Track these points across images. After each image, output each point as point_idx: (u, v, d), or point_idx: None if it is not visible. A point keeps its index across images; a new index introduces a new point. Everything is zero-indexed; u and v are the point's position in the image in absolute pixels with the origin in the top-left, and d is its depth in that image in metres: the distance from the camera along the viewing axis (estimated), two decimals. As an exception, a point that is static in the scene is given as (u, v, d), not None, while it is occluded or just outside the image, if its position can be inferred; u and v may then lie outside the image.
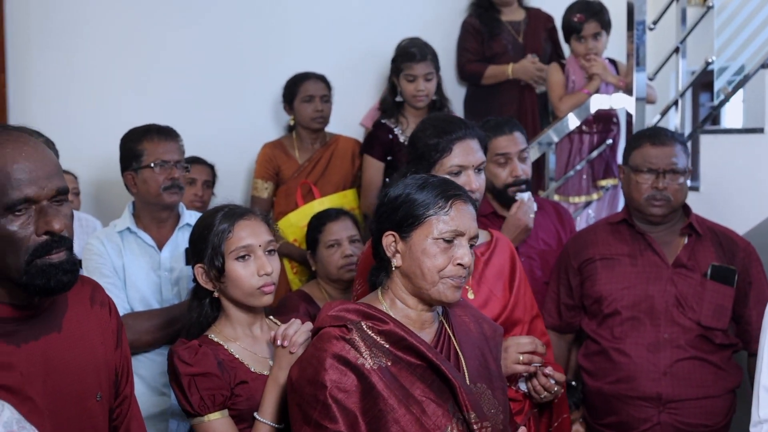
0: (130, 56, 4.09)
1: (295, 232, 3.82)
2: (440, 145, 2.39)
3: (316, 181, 3.95)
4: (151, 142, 2.88)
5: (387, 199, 2.02)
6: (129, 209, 2.98)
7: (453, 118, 2.50)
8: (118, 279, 2.85)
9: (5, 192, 1.60)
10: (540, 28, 4.49)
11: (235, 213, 2.26)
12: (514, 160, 3.02)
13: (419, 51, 3.78)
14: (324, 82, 4.00)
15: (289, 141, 4.05)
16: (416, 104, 3.80)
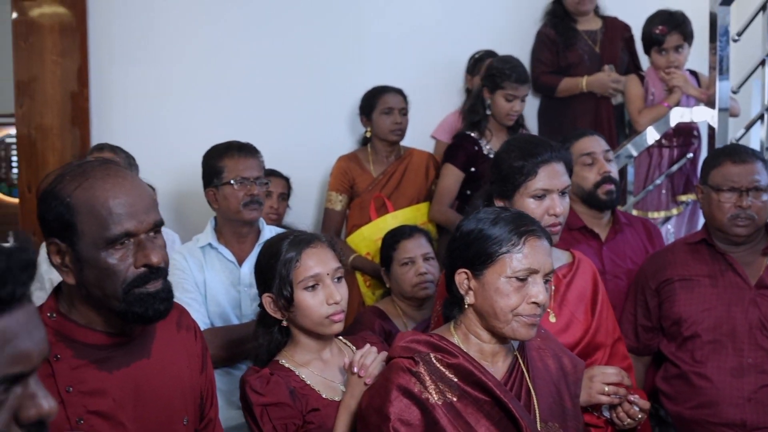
0: (209, 69, 4.16)
1: (368, 245, 3.84)
2: (525, 168, 2.37)
3: (389, 195, 3.95)
4: (231, 159, 2.93)
5: (459, 234, 2.00)
6: (211, 224, 3.02)
7: (539, 141, 2.47)
8: (199, 294, 2.90)
9: (106, 226, 1.65)
10: (617, 38, 4.42)
11: (302, 241, 2.24)
12: (601, 159, 3.04)
13: (524, 73, 3.77)
14: (402, 96, 4.02)
15: (364, 154, 4.07)
16: (507, 122, 3.79)
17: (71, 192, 1.65)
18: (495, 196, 2.44)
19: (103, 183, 1.67)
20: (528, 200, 2.36)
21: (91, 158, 3.18)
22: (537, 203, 2.35)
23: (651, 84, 3.98)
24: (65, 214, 1.65)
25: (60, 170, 1.72)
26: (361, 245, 3.85)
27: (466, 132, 3.85)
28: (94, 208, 1.64)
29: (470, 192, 3.79)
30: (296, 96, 4.27)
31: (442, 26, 4.49)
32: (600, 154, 3.06)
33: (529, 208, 2.33)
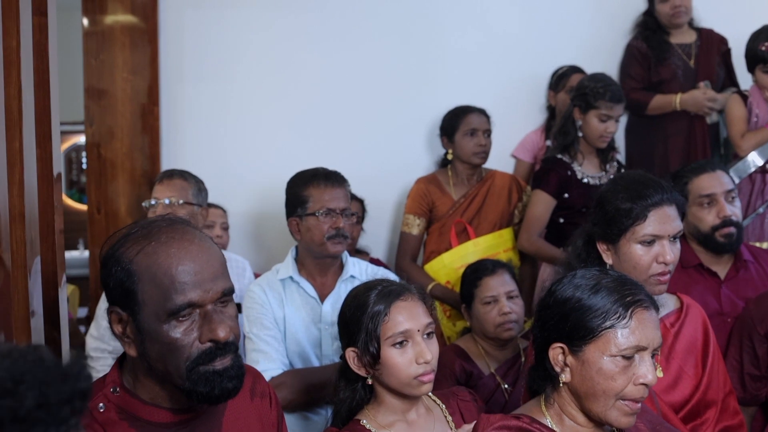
0: (282, 86, 4.01)
1: (448, 273, 3.63)
2: (634, 211, 2.15)
3: (471, 219, 3.74)
4: (317, 189, 2.76)
5: (554, 301, 1.76)
6: (292, 255, 2.86)
7: (649, 181, 2.23)
8: (278, 331, 2.74)
9: (169, 297, 1.49)
10: (713, 52, 4.15)
11: (391, 293, 2.06)
12: (721, 200, 2.77)
13: (619, 91, 3.53)
14: (486, 116, 3.81)
15: (444, 176, 3.86)
16: (600, 145, 3.55)
17: (133, 257, 1.51)
18: (598, 239, 2.24)
19: (167, 247, 1.51)
20: (635, 246, 2.16)
21: (157, 207, 3.07)
22: (645, 250, 2.15)
23: (755, 105, 3.68)
24: (126, 280, 1.51)
25: (125, 230, 1.58)
26: (440, 273, 3.65)
27: (557, 155, 3.62)
28: (156, 276, 1.49)
29: (563, 220, 3.57)
30: (372, 114, 4.10)
31: (523, 40, 4.28)
32: (721, 195, 2.78)
33: (636, 254, 2.15)
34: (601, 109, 3.47)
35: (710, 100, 3.99)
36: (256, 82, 3.99)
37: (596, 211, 2.26)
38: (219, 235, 3.71)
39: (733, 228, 2.78)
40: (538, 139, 4.23)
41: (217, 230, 3.70)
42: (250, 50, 3.99)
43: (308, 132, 4.01)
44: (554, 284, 1.80)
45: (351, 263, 2.86)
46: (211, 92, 3.96)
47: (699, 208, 2.79)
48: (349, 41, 4.08)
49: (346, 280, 2.81)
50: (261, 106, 3.99)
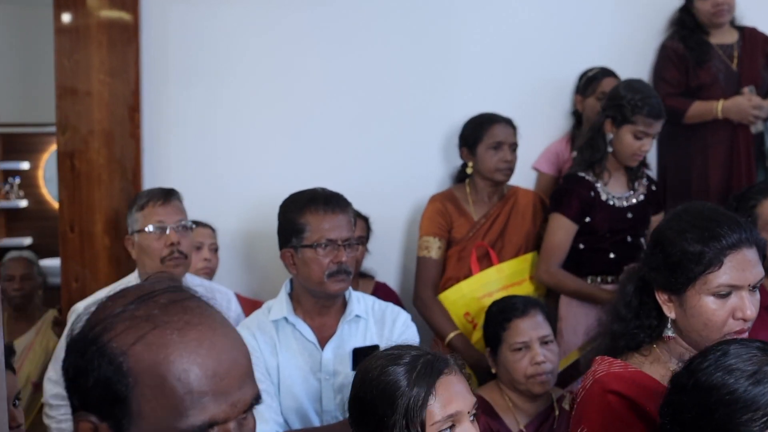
0: (281, 93, 3.58)
1: (468, 304, 3.21)
2: (706, 255, 1.74)
3: (494, 242, 3.32)
4: (315, 215, 2.36)
5: (694, 385, 1.35)
6: (286, 290, 2.47)
7: (721, 217, 1.81)
8: (272, 384, 2.37)
9: (183, 411, 1.04)
10: (758, 53, 3.72)
11: (432, 370, 1.66)
12: None
13: (660, 105, 3.09)
14: (513, 127, 3.38)
15: (462, 193, 3.42)
16: (632, 164, 3.14)
17: (127, 348, 1.06)
18: (657, 287, 1.82)
19: (182, 337, 1.06)
20: (707, 299, 1.75)
21: (169, 234, 2.65)
22: (720, 303, 1.74)
23: (810, 114, 3.26)
24: (115, 382, 1.05)
25: (109, 304, 1.11)
26: (458, 303, 3.23)
27: (579, 173, 3.17)
28: (164, 381, 1.04)
29: (583, 246, 3.14)
30: (379, 122, 3.66)
31: (545, 41, 3.83)
32: None
33: (708, 309, 1.74)
34: (638, 125, 3.05)
35: (756, 108, 3.57)
36: (251, 86, 3.56)
37: (654, 253, 1.84)
38: (208, 258, 3.30)
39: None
40: (563, 150, 3.80)
41: (205, 252, 3.29)
42: (245, 51, 3.55)
43: (308, 142, 3.59)
44: (696, 359, 1.39)
45: (355, 300, 2.46)
46: (199, 97, 3.52)
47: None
48: (355, 42, 3.64)
49: (350, 321, 2.43)
50: (256, 113, 3.57)
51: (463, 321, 3.23)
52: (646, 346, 1.87)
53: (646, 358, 1.86)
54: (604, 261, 3.10)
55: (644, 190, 3.20)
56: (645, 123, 3.03)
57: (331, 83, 3.62)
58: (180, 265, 2.70)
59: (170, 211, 2.72)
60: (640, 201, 3.17)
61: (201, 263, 3.26)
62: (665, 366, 1.83)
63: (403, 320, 2.49)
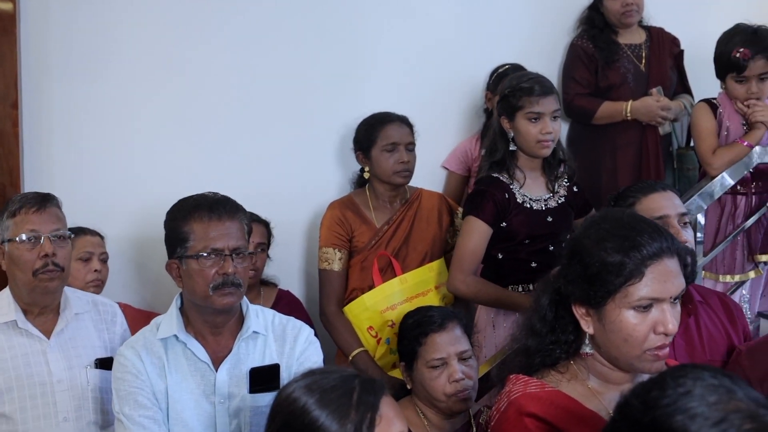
0: (174, 90, 3.38)
1: (371, 318, 3.05)
2: (627, 267, 1.62)
3: (397, 250, 3.17)
4: (199, 223, 2.15)
5: (645, 421, 1.18)
6: (176, 305, 2.26)
7: (642, 225, 1.68)
8: (159, 410, 2.15)
9: None
10: (665, 54, 3.72)
11: (363, 404, 1.49)
12: (675, 224, 2.36)
13: (542, 82, 2.93)
14: (408, 126, 3.23)
15: (362, 198, 3.26)
16: (541, 153, 2.93)
17: None
18: (575, 301, 1.70)
19: None
20: (627, 313, 1.63)
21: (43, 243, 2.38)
22: (641, 317, 1.63)
23: (725, 116, 3.22)
24: None
25: None
26: (362, 317, 3.07)
27: (492, 174, 3.00)
28: None
29: (501, 255, 2.99)
30: (280, 123, 3.50)
31: (456, 38, 3.76)
32: (674, 217, 2.37)
33: (628, 323, 1.63)
34: (526, 107, 2.87)
35: (663, 109, 3.55)
36: (142, 82, 3.34)
37: (571, 264, 1.71)
38: (98, 270, 3.04)
39: (689, 258, 2.32)
40: (472, 148, 3.70)
41: (95, 263, 3.04)
42: (135, 44, 3.33)
43: (204, 142, 3.40)
44: (653, 391, 1.22)
45: (253, 315, 2.26)
46: (84, 93, 3.28)
47: None
48: (254, 40, 3.47)
49: (247, 338, 2.23)
50: (146, 111, 3.35)
51: (367, 335, 3.07)
52: (563, 362, 1.76)
53: (563, 375, 1.74)
54: (524, 270, 2.95)
55: (565, 192, 3.04)
56: (532, 102, 2.87)
57: (228, 82, 3.45)
58: (55, 279, 2.45)
59: (45, 219, 2.47)
60: (560, 203, 3.00)
61: (90, 275, 3.01)
62: (583, 384, 1.72)
63: (305, 336, 2.31)
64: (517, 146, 2.95)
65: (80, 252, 2.98)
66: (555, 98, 2.93)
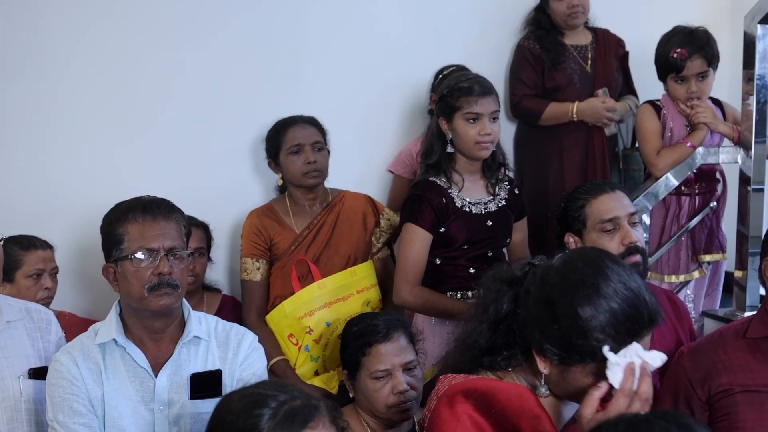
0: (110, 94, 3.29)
1: (291, 324, 2.97)
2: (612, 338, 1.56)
3: (319, 255, 3.09)
4: (134, 224, 2.11)
5: None
6: (115, 310, 2.20)
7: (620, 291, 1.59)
8: (95, 417, 2.10)
9: None
10: (611, 55, 3.74)
11: (295, 418, 1.46)
12: (625, 224, 2.39)
13: (481, 82, 2.91)
14: (315, 126, 3.17)
15: (282, 205, 3.19)
16: (479, 153, 2.88)
17: None
18: (537, 349, 1.63)
19: None
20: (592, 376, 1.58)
21: None
22: None
23: (669, 118, 3.25)
24: None
25: None
26: (282, 324, 2.99)
27: (430, 178, 2.95)
28: None
29: (440, 261, 2.94)
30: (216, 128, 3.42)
31: (401, 39, 3.72)
32: (624, 218, 2.40)
33: (588, 382, 1.59)
34: (464, 108, 2.83)
35: (609, 110, 3.57)
36: (80, 85, 3.24)
37: (539, 310, 1.62)
38: (48, 287, 2.91)
39: (639, 256, 2.37)
40: (417, 151, 3.66)
41: (46, 280, 2.90)
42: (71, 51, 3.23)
43: (142, 150, 3.31)
44: None
45: (195, 320, 2.21)
46: (23, 95, 3.18)
47: (599, 234, 2.40)
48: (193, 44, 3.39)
49: (188, 343, 2.18)
50: (85, 115, 3.25)
51: (288, 343, 3.01)
52: (503, 371, 1.72)
53: (502, 380, 1.71)
54: (463, 276, 2.90)
55: (506, 194, 3.00)
56: (470, 102, 2.84)
57: (165, 88, 3.37)
58: None
59: None
60: (500, 207, 2.97)
61: (41, 293, 2.87)
62: None
63: (249, 342, 2.26)
64: (456, 148, 2.91)
65: (31, 269, 2.86)
66: (494, 99, 2.90)
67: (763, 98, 2.99)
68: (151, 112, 3.34)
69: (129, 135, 3.32)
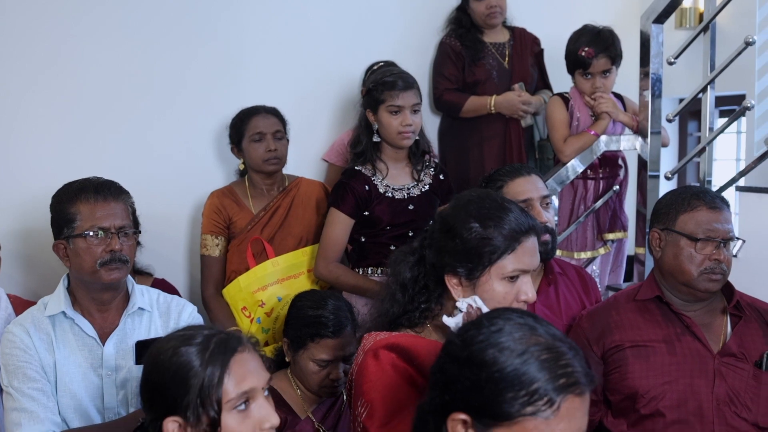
0: (54, 82, 3.40)
1: (245, 298, 3.19)
2: (502, 243, 1.86)
3: (273, 235, 3.33)
4: (86, 204, 2.28)
5: (467, 357, 1.42)
6: (63, 284, 2.37)
7: (511, 206, 1.92)
8: (48, 383, 2.26)
9: None
10: (527, 52, 4.00)
11: (226, 348, 1.67)
12: (537, 206, 2.62)
13: (404, 77, 3.18)
14: (276, 116, 3.40)
15: (241, 187, 3.43)
16: (402, 143, 3.16)
17: None
18: (448, 272, 1.91)
19: None
20: (497, 283, 1.87)
21: None
22: (509, 287, 1.88)
23: (576, 108, 3.55)
24: None
25: None
26: (237, 298, 3.21)
27: (355, 168, 3.22)
28: None
29: (365, 239, 3.21)
30: (161, 118, 3.58)
31: (332, 35, 3.93)
32: (537, 200, 2.63)
33: (498, 292, 1.87)
34: (387, 101, 3.12)
35: (525, 103, 3.83)
36: (22, 74, 3.36)
37: (447, 238, 1.92)
38: None
39: (549, 236, 2.62)
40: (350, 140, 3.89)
41: None
42: (17, 35, 3.34)
43: (86, 136, 3.44)
44: (471, 330, 1.44)
45: (138, 293, 2.40)
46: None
47: None
48: (135, 32, 3.52)
49: (132, 314, 2.37)
50: (27, 104, 3.37)
51: (242, 316, 3.22)
52: (420, 326, 1.96)
53: (419, 334, 1.95)
54: (385, 253, 3.16)
55: (430, 180, 3.26)
56: (393, 96, 3.11)
57: (110, 76, 3.50)
58: None
59: None
60: (424, 191, 3.22)
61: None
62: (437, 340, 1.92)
63: (189, 312, 2.46)
64: (381, 138, 3.18)
65: None
66: (415, 93, 3.16)
67: (657, 91, 3.28)
68: (94, 105, 3.46)
69: (72, 126, 3.43)
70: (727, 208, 2.40)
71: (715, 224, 2.35)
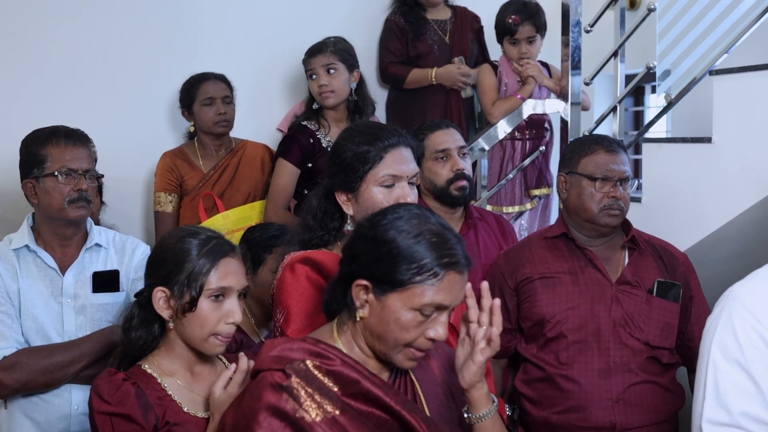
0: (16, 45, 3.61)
1: None
2: (371, 153, 2.13)
3: (223, 191, 3.64)
4: (56, 147, 2.54)
5: (372, 236, 1.73)
6: (28, 222, 2.63)
7: (382, 125, 2.27)
8: (12, 307, 2.51)
9: None
10: (467, 29, 4.29)
11: (220, 249, 2.04)
12: (455, 155, 2.95)
13: (319, 44, 3.56)
14: (225, 82, 3.68)
15: (191, 149, 3.72)
16: (323, 102, 3.54)
17: None
18: (337, 189, 2.19)
19: None
20: (375, 190, 2.13)
21: None
22: (385, 192, 2.14)
23: (504, 74, 3.87)
24: None
25: None
26: None
27: (302, 123, 3.58)
28: None
29: (307, 191, 3.49)
30: (117, 84, 3.81)
31: (284, 13, 4.20)
32: (454, 150, 2.97)
33: (376, 199, 2.13)
34: (306, 67, 3.58)
35: (464, 75, 4.11)
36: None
37: (333, 161, 2.21)
38: None
39: (466, 181, 2.93)
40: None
41: None
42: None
43: (48, 100, 3.65)
44: (377, 216, 1.76)
45: (96, 231, 2.67)
46: None
47: (434, 162, 2.95)
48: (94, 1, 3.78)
49: (90, 249, 2.63)
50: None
51: None
52: (332, 244, 2.23)
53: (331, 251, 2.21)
54: None
55: None
56: (308, 62, 3.58)
57: (70, 41, 3.70)
58: None
59: None
60: None
61: None
62: None
63: (142, 250, 2.71)
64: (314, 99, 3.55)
65: None
66: (327, 54, 3.54)
67: (576, 57, 3.59)
68: (48, 72, 3.64)
69: (31, 90, 3.62)
70: (623, 151, 2.69)
71: (612, 165, 2.64)
